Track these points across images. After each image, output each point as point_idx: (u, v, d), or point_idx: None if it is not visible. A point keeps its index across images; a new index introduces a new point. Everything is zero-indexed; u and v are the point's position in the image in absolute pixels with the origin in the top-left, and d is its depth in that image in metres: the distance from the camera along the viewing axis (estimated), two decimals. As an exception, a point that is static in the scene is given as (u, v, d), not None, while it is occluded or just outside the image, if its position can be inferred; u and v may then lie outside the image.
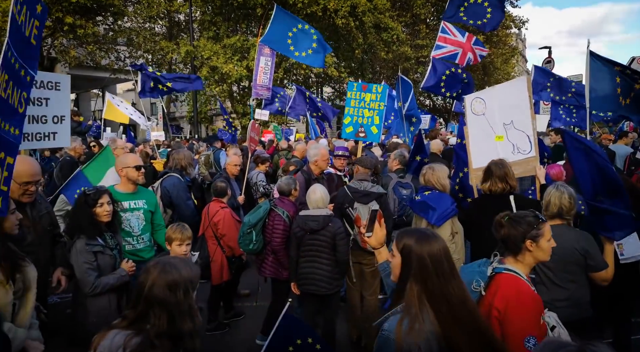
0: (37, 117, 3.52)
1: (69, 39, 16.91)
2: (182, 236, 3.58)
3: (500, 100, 4.62)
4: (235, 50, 18.72)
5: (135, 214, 4.08)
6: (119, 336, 1.75)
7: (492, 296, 2.21)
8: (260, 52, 9.80)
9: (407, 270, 1.89)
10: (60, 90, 3.69)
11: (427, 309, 1.78)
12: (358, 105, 6.38)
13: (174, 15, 22.89)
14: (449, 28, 8.87)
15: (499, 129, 4.59)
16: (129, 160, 4.11)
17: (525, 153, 4.42)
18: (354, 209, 4.35)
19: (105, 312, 3.18)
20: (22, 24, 2.59)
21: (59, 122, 3.75)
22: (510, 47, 29.23)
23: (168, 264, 1.85)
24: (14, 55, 2.47)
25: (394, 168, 5.61)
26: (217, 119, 31.69)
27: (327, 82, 25.76)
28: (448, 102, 28.46)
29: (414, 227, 4.73)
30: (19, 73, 2.56)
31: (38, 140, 3.58)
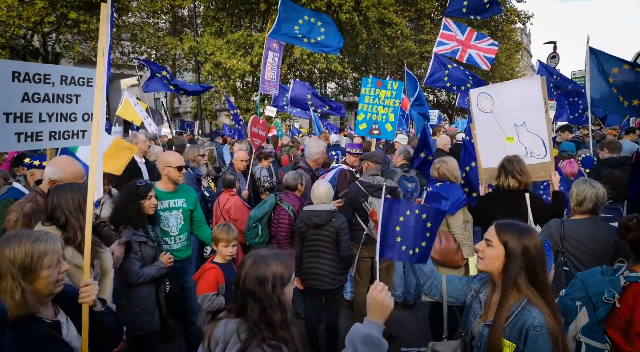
0: (66, 115, 3.39)
1: (73, 34, 16.94)
2: (229, 236, 3.57)
3: (510, 99, 4.31)
4: (239, 45, 18.70)
5: (174, 214, 4.06)
6: (231, 323, 1.84)
7: (630, 310, 2.11)
8: (269, 47, 9.75)
9: (515, 263, 1.93)
10: (92, 86, 3.54)
11: (541, 300, 1.88)
12: (372, 101, 6.19)
13: (178, 10, 22.87)
14: (450, 25, 8.92)
15: (509, 130, 4.32)
16: (172, 160, 4.05)
17: (539, 157, 4.18)
18: (368, 203, 4.38)
19: (145, 302, 3.26)
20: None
21: (89, 119, 3.57)
22: (515, 42, 29.05)
23: (260, 258, 1.88)
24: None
25: (398, 163, 5.64)
26: (220, 115, 31.73)
27: (330, 78, 25.70)
28: (452, 97, 28.35)
29: None
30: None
31: (66, 138, 3.43)
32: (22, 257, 1.77)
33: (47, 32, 16.81)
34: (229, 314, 1.90)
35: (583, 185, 3.33)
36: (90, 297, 2.11)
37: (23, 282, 1.76)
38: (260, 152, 7.19)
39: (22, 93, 3.04)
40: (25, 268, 1.77)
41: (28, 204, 2.94)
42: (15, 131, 3.03)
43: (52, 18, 15.75)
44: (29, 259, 1.78)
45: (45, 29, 16.36)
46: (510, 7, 26.28)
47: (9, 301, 1.73)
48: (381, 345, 1.79)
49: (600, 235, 3.15)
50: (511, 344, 1.86)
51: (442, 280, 2.35)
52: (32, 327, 1.82)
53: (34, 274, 1.79)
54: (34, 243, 1.81)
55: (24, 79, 3.04)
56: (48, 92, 3.20)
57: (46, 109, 3.21)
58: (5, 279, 1.74)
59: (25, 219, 2.84)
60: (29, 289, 1.77)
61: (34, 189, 3.13)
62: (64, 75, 3.30)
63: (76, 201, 2.59)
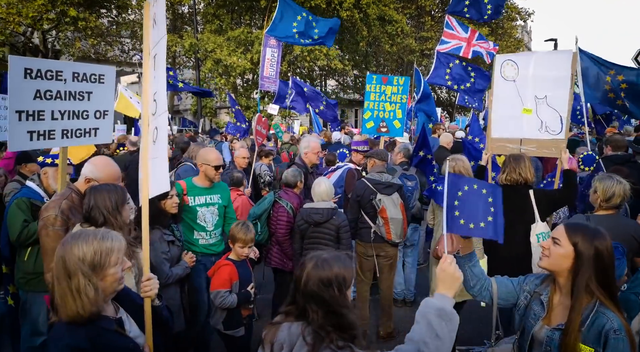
0: (78, 113, 3.33)
1: (72, 31, 16.91)
2: (246, 237, 3.53)
3: (537, 69, 4.22)
4: (239, 42, 18.68)
5: (210, 209, 4.06)
6: (294, 326, 1.79)
7: None
8: (267, 44, 9.75)
9: (587, 266, 1.90)
10: (104, 83, 3.47)
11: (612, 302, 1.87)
12: (378, 98, 6.02)
13: (178, 8, 22.84)
14: (453, 23, 8.93)
15: (528, 102, 4.24)
16: (210, 158, 4.02)
17: (554, 133, 4.16)
18: (378, 201, 4.39)
19: (171, 302, 3.18)
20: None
21: (102, 117, 3.54)
22: (516, 40, 29.00)
23: (322, 261, 1.83)
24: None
25: (398, 161, 5.62)
26: (220, 112, 31.72)
27: (331, 75, 25.68)
28: (453, 95, 28.31)
29: (430, 215, 4.77)
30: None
31: (78, 137, 3.38)
32: (92, 255, 1.78)
33: (46, 29, 16.79)
34: (287, 317, 1.85)
35: (609, 181, 3.29)
36: (153, 291, 2.15)
37: (93, 280, 1.77)
38: (261, 149, 7.22)
39: (34, 90, 2.99)
40: (94, 266, 1.78)
41: (64, 201, 2.91)
42: (28, 129, 2.99)
43: (51, 15, 15.72)
44: (98, 256, 1.80)
45: (45, 26, 16.33)
46: (511, 4, 26.23)
47: (83, 299, 1.74)
48: (455, 318, 1.77)
49: (626, 230, 3.15)
50: (589, 348, 1.83)
51: (492, 282, 2.30)
52: (100, 325, 1.83)
53: (103, 271, 1.81)
54: (100, 241, 1.82)
55: (36, 76, 2.99)
56: (60, 90, 3.15)
57: (58, 107, 3.16)
58: (76, 277, 1.74)
59: (64, 216, 2.83)
60: (99, 286, 1.79)
61: (69, 187, 3.12)
62: (76, 72, 3.25)
63: (113, 201, 2.58)
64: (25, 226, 3.42)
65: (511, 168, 3.89)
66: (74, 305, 1.73)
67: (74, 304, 1.73)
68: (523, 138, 4.34)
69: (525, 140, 4.34)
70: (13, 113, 2.90)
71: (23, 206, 3.52)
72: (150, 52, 2.66)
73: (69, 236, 1.89)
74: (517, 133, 4.38)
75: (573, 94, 4.26)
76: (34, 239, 3.32)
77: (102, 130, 3.58)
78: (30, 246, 3.44)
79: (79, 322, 1.74)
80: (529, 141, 4.32)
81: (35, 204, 3.56)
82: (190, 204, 3.96)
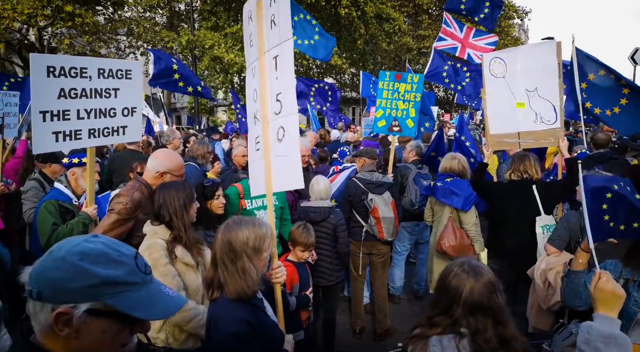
0: (105, 111, 3.21)
1: (67, 27, 16.76)
2: (308, 241, 3.47)
3: (523, 63, 4.31)
4: (237, 39, 18.61)
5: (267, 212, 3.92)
6: (445, 339, 1.70)
7: None
8: None
9: None
10: (131, 79, 3.35)
11: None
12: (391, 96, 5.77)
13: (175, 5, 22.72)
14: (450, 20, 8.93)
15: (520, 95, 4.34)
16: None
17: (549, 123, 4.24)
18: (369, 200, 4.38)
19: None
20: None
21: (129, 114, 3.39)
22: (513, 38, 29.05)
23: (474, 267, 1.76)
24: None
25: (410, 159, 5.57)
26: (217, 110, 31.62)
27: (328, 73, 25.64)
28: (450, 94, 28.33)
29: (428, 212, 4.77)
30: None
31: (105, 136, 3.25)
32: (254, 239, 1.92)
33: (42, 26, 16.65)
34: (432, 329, 1.74)
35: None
36: (283, 277, 2.25)
37: (254, 262, 1.92)
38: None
39: (59, 89, 2.89)
40: (255, 249, 1.92)
41: (136, 193, 2.90)
42: (53, 130, 2.89)
43: (47, 11, 15.60)
44: (259, 241, 1.93)
45: (41, 23, 16.20)
46: (509, 3, 26.25)
47: (247, 279, 1.90)
48: (626, 343, 1.62)
49: None
50: None
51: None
52: (255, 303, 1.99)
53: (259, 255, 1.94)
54: (258, 228, 1.96)
55: (59, 74, 2.88)
56: (85, 87, 3.04)
57: (84, 105, 3.05)
58: (242, 259, 1.90)
59: (133, 205, 2.82)
60: (254, 268, 1.93)
61: (137, 179, 3.07)
62: (102, 68, 3.14)
63: (181, 200, 2.58)
64: (54, 229, 3.27)
65: (516, 166, 4.08)
66: (240, 284, 1.89)
67: (241, 283, 1.89)
68: (520, 131, 4.43)
69: (522, 133, 4.43)
70: (37, 114, 2.80)
71: (51, 208, 3.38)
72: (268, 52, 2.67)
73: (231, 222, 2.01)
74: (514, 127, 4.47)
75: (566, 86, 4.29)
76: None
77: (131, 128, 3.45)
78: None
79: (243, 299, 1.91)
80: (527, 134, 4.40)
81: (64, 206, 3.43)
82: (247, 207, 3.79)
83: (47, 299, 0.99)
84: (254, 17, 2.81)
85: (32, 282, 1.01)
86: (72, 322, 0.99)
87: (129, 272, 1.05)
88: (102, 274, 1.00)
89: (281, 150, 2.58)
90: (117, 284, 1.02)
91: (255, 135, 2.93)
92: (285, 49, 2.58)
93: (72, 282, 0.98)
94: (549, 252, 3.30)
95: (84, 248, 1.04)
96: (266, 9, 2.69)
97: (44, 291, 0.99)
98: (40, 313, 1.01)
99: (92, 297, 1.00)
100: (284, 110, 2.59)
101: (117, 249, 1.08)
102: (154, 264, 2.42)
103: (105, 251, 1.05)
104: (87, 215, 3.30)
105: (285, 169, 2.58)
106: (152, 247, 2.49)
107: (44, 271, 1.01)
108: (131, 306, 1.03)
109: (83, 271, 1.00)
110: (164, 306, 1.09)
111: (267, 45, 2.71)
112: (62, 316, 0.99)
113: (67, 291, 0.98)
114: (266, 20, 2.70)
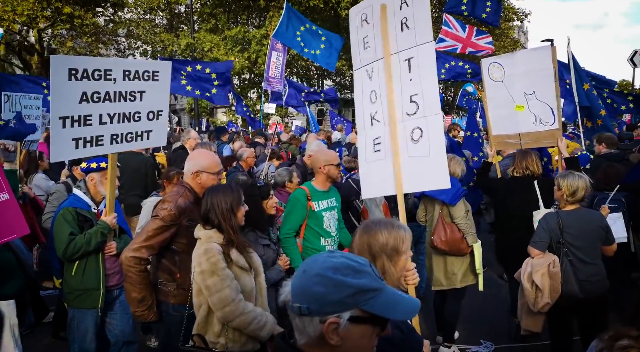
0: (129, 115, 3.02)
1: (67, 29, 16.79)
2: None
3: (521, 68, 4.52)
4: (236, 41, 18.64)
5: (332, 213, 3.83)
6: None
7: None
8: (273, 47, 10.01)
9: None
10: (158, 81, 3.16)
11: None
12: None
13: (175, 7, 22.76)
14: (451, 21, 8.94)
15: (519, 98, 4.55)
16: (331, 157, 3.82)
17: (548, 125, 4.46)
18: (360, 202, 4.38)
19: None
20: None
21: (155, 118, 3.20)
22: (512, 40, 29.08)
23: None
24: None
25: None
26: (217, 112, 31.64)
27: (328, 75, 25.66)
28: (450, 95, 28.35)
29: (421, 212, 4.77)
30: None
31: (129, 141, 3.08)
32: (393, 241, 1.90)
33: (42, 27, 16.67)
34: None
35: (571, 177, 3.48)
36: (417, 279, 2.23)
37: (393, 262, 1.90)
38: (272, 151, 7.23)
39: (80, 93, 2.72)
40: (395, 251, 1.90)
41: (180, 198, 2.82)
42: (73, 137, 2.73)
43: (47, 13, 15.62)
44: (398, 243, 1.91)
45: (41, 25, 16.23)
46: (508, 5, 26.29)
47: (387, 281, 1.84)
48: None
49: (593, 221, 3.37)
50: None
51: None
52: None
53: (398, 257, 1.92)
54: (397, 230, 1.93)
55: (82, 77, 2.71)
56: (109, 90, 2.87)
57: (107, 110, 2.89)
58: (381, 259, 1.87)
59: (177, 211, 2.75)
60: (393, 270, 1.91)
61: (181, 185, 2.97)
62: (127, 70, 2.96)
63: (229, 204, 2.53)
64: (71, 239, 3.07)
65: (518, 163, 4.27)
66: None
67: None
68: (521, 132, 4.65)
69: (523, 134, 4.66)
70: (56, 119, 2.64)
71: (69, 216, 3.15)
72: (397, 54, 2.69)
73: (369, 222, 2.00)
74: (515, 129, 4.70)
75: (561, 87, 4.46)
76: (80, 253, 3.05)
77: (156, 133, 3.28)
78: (78, 259, 3.11)
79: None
80: (527, 135, 4.64)
81: (82, 214, 3.21)
82: (315, 209, 3.73)
83: (315, 313, 1.10)
84: (374, 20, 2.86)
85: (298, 300, 1.12)
86: (338, 331, 1.10)
87: (372, 279, 1.15)
88: (355, 283, 1.11)
89: (418, 150, 2.58)
90: (368, 291, 1.12)
91: (373, 136, 2.90)
92: (423, 52, 2.62)
93: (333, 294, 1.09)
94: (533, 255, 3.40)
95: (333, 263, 1.14)
96: (395, 13, 2.73)
97: (312, 305, 1.09)
98: (309, 326, 1.12)
99: (351, 305, 1.10)
100: (422, 111, 2.59)
101: (355, 260, 1.18)
102: (212, 268, 2.40)
103: (349, 263, 1.15)
104: (106, 224, 3.14)
105: (423, 169, 2.58)
106: (209, 252, 2.44)
107: (306, 288, 1.12)
108: (383, 309, 1.13)
109: (340, 283, 1.10)
110: (407, 306, 1.18)
111: (395, 48, 2.72)
112: (331, 326, 1.10)
113: (331, 303, 1.09)
114: (393, 23, 2.73)
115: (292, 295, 1.13)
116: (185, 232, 2.74)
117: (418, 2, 2.73)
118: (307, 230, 3.70)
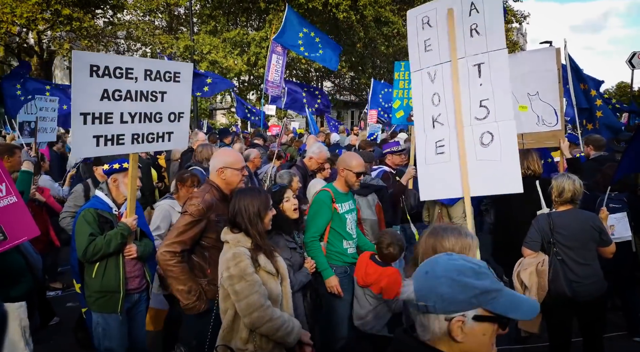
0: (151, 115, 2.99)
1: (66, 31, 16.78)
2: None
3: (524, 68, 4.50)
4: (235, 44, 18.65)
5: (353, 216, 3.80)
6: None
7: None
8: (273, 50, 10.07)
9: None
10: (180, 82, 3.14)
11: None
12: (407, 86, 5.51)
13: (174, 9, 22.76)
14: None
15: (522, 99, 4.54)
16: (354, 164, 3.66)
17: (550, 125, 4.47)
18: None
19: (297, 312, 3.01)
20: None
21: (176, 120, 3.18)
22: (511, 42, 29.13)
23: None
24: None
25: None
26: (216, 113, 31.66)
27: (327, 77, 25.69)
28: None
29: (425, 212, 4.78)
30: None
31: (150, 141, 3.06)
32: (459, 248, 1.92)
33: (41, 29, 16.67)
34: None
35: (561, 178, 3.53)
36: None
37: None
38: (276, 152, 7.26)
39: (102, 90, 2.72)
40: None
41: (207, 195, 2.89)
42: (94, 134, 2.72)
43: (46, 15, 15.61)
44: (465, 250, 1.93)
45: (40, 27, 16.22)
46: (507, 7, 26.35)
47: None
48: None
49: (586, 222, 3.38)
50: None
51: None
52: None
53: None
54: (463, 236, 1.97)
55: (103, 74, 2.70)
56: (130, 89, 2.86)
57: (128, 108, 2.87)
58: None
59: (205, 206, 2.81)
60: None
61: (208, 183, 3.01)
62: (149, 69, 2.95)
63: (256, 208, 2.53)
64: (91, 240, 3.04)
65: (520, 162, 4.22)
66: None
67: None
68: (524, 133, 4.62)
69: (526, 134, 4.64)
70: (77, 116, 2.63)
71: (90, 217, 3.12)
72: (465, 59, 2.75)
73: (438, 227, 2.03)
74: (518, 129, 4.62)
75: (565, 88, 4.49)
76: (100, 254, 3.03)
77: (177, 135, 3.25)
78: (98, 261, 3.09)
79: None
80: (529, 135, 4.63)
81: (103, 216, 3.18)
82: (340, 211, 3.68)
83: (439, 311, 1.18)
84: (437, 24, 2.87)
85: (424, 299, 1.20)
86: (464, 328, 1.17)
87: (493, 280, 1.22)
88: (479, 285, 1.18)
89: (487, 154, 2.60)
90: (490, 292, 1.19)
91: (434, 138, 2.90)
92: (494, 58, 2.64)
93: (458, 294, 1.17)
94: (526, 255, 3.47)
95: (456, 266, 1.22)
96: (463, 18, 2.74)
97: (437, 304, 1.17)
98: (434, 323, 1.20)
99: (475, 305, 1.18)
100: (494, 116, 2.61)
101: (475, 263, 1.25)
102: (241, 273, 2.38)
103: (470, 265, 1.23)
104: (127, 226, 3.10)
105: (493, 173, 2.61)
106: (238, 257, 2.43)
107: (432, 288, 1.20)
108: (505, 309, 1.19)
109: (465, 285, 1.18)
110: (527, 306, 1.23)
111: (463, 53, 2.75)
112: (457, 324, 1.17)
113: (456, 302, 1.17)
114: (462, 28, 2.74)
115: (416, 294, 1.21)
116: (214, 228, 2.79)
117: (490, 9, 2.72)
118: (331, 233, 3.64)
